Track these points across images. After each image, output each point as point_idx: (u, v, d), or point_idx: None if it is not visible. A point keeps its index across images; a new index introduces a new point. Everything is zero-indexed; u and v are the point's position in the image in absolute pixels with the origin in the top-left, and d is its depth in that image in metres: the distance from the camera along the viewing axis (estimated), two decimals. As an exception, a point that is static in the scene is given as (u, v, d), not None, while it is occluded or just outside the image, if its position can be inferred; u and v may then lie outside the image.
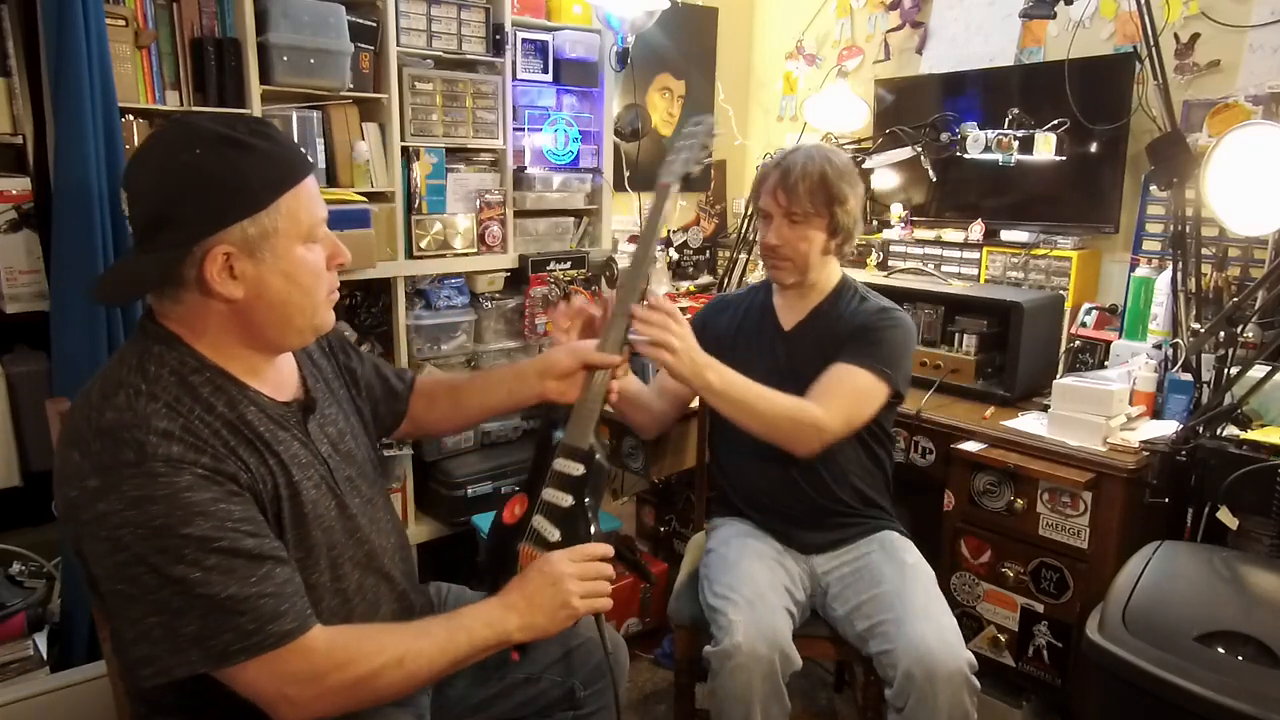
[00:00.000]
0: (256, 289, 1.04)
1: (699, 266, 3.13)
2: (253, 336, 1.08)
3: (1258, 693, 1.22)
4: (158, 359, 1.03)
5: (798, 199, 1.67)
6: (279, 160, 1.04)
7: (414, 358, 2.41)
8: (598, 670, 1.43)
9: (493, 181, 2.49)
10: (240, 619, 0.97)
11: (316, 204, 1.08)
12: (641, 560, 2.57)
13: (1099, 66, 2.29)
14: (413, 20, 2.26)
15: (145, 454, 0.96)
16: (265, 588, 0.99)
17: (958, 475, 2.00)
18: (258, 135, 1.03)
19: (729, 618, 1.52)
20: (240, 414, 1.06)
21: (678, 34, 3.00)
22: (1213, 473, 1.70)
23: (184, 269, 1.01)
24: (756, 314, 1.85)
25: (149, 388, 1.01)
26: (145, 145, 1.04)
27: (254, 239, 1.02)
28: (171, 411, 1.00)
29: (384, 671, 1.05)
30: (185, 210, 0.99)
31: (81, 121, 1.65)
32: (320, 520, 1.14)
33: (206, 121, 1.02)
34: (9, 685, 1.67)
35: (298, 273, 1.06)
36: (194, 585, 0.96)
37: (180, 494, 0.96)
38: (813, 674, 2.47)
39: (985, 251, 2.53)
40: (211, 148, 0.99)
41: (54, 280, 1.71)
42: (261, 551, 1.01)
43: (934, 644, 1.47)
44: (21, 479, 1.83)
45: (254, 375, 1.11)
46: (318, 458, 1.16)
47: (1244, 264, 2.09)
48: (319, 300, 1.11)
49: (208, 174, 0.99)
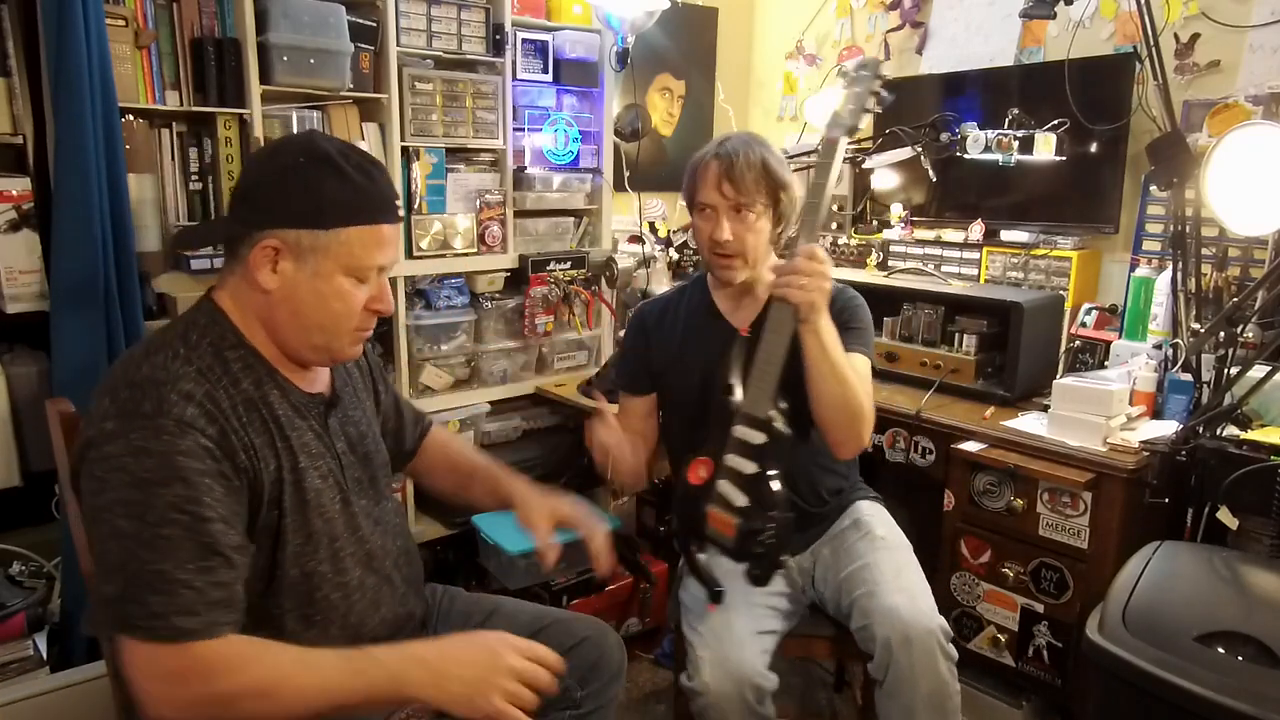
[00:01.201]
0: (287, 290, 1.12)
1: (699, 266, 3.12)
2: (274, 332, 1.16)
3: (1258, 693, 1.22)
4: (201, 329, 1.13)
5: (745, 189, 1.57)
6: (363, 196, 1.13)
7: (414, 357, 2.41)
8: (595, 670, 1.43)
9: (493, 181, 2.49)
10: (154, 597, 0.98)
11: (380, 251, 1.15)
12: (641, 560, 2.56)
13: (1099, 66, 2.29)
14: (413, 20, 2.26)
15: (161, 409, 1.02)
16: (196, 580, 1.00)
17: (958, 475, 2.00)
18: (361, 171, 1.13)
19: (697, 653, 1.52)
20: (263, 394, 1.13)
21: (678, 34, 3.00)
22: (1213, 473, 1.70)
23: (240, 245, 1.12)
24: (702, 317, 1.74)
25: (186, 352, 1.09)
26: (278, 140, 1.24)
27: (305, 247, 1.11)
28: (200, 377, 1.08)
29: (245, 698, 1.00)
30: (265, 198, 1.11)
31: (81, 121, 1.65)
32: (322, 510, 1.17)
33: (326, 142, 1.14)
34: (9, 685, 1.67)
35: (330, 297, 1.14)
36: (139, 545, 0.99)
37: (175, 455, 1.01)
38: (813, 674, 2.46)
39: (985, 251, 2.53)
40: (314, 162, 1.11)
41: (54, 280, 1.71)
42: (217, 545, 1.02)
43: (905, 612, 1.50)
44: (21, 479, 1.83)
45: (283, 364, 1.18)
46: (330, 451, 1.21)
47: (1244, 264, 2.09)
48: (340, 330, 1.17)
49: (296, 179, 1.10)
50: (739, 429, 1.47)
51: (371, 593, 1.23)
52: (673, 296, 1.83)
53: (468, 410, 2.51)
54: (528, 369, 2.67)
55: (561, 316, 2.66)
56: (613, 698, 1.46)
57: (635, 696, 2.34)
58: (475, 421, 2.53)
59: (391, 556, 1.28)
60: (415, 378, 2.43)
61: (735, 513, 1.45)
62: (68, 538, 1.64)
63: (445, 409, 2.48)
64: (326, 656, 1.06)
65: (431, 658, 1.08)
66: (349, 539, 1.21)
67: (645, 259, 2.76)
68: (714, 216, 1.61)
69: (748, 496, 1.44)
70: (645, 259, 2.76)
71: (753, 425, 1.46)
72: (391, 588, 1.26)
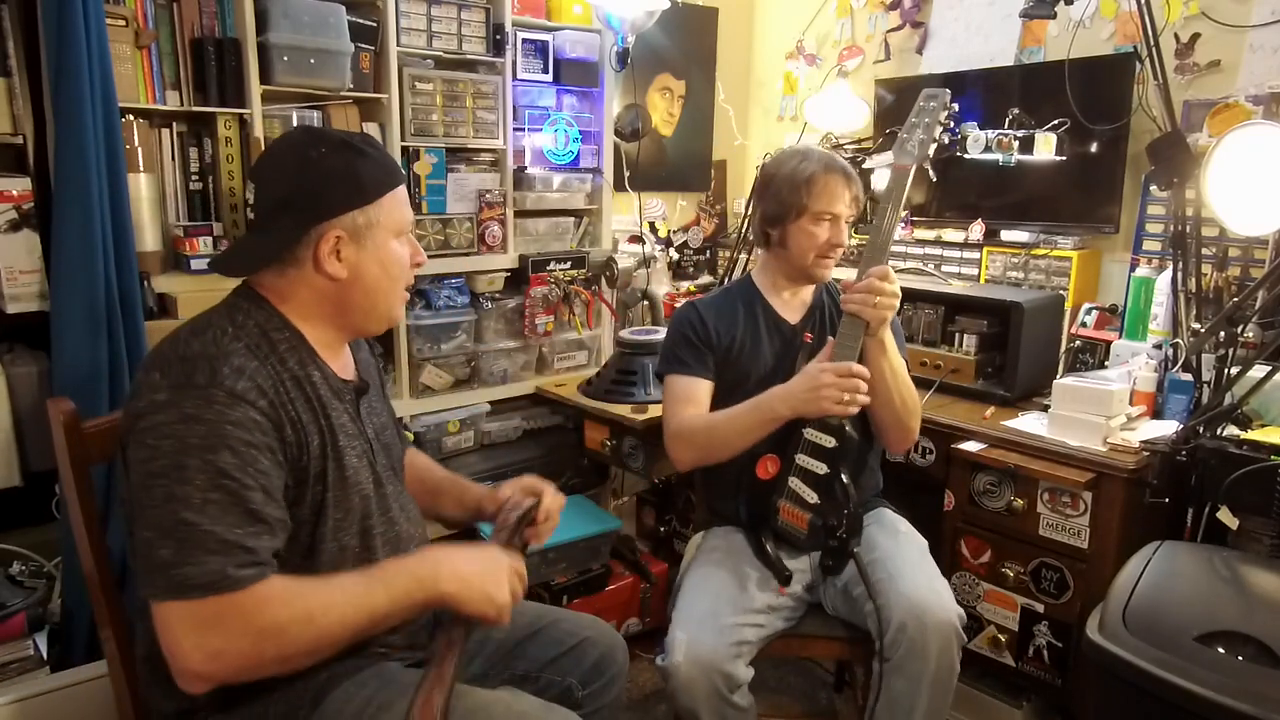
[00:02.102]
0: (356, 272, 1.19)
1: (699, 266, 3.13)
2: (341, 315, 1.22)
3: (1258, 693, 1.22)
4: (245, 311, 1.17)
5: (859, 199, 1.79)
6: (385, 166, 1.21)
7: (414, 357, 2.41)
8: (596, 669, 1.43)
9: (493, 181, 2.50)
10: (210, 556, 1.01)
11: (408, 207, 1.25)
12: (641, 560, 2.57)
13: (1099, 66, 2.29)
14: (413, 20, 2.26)
15: (215, 380, 1.06)
16: (246, 540, 1.04)
17: (958, 475, 2.00)
18: (370, 144, 1.21)
19: (673, 635, 1.57)
20: (308, 374, 1.18)
21: (678, 34, 3.00)
22: (1213, 473, 1.70)
23: (299, 248, 1.16)
24: (757, 314, 1.85)
25: (234, 330, 1.13)
26: (275, 144, 1.22)
27: (361, 227, 1.17)
28: (250, 353, 1.11)
29: (292, 625, 1.04)
30: (307, 198, 1.15)
31: (81, 121, 1.65)
32: (360, 487, 1.21)
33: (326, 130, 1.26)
34: (9, 685, 1.67)
35: (390, 262, 1.22)
36: (188, 509, 1.01)
37: (224, 424, 1.04)
38: (813, 674, 2.47)
39: (985, 251, 2.53)
40: (334, 148, 1.16)
41: (54, 280, 1.71)
42: (262, 512, 1.06)
43: (926, 595, 1.56)
44: (21, 479, 1.83)
45: (326, 349, 1.23)
46: (363, 435, 1.25)
47: (1244, 264, 2.09)
48: (399, 291, 1.26)
49: (329, 168, 1.15)
50: (811, 432, 1.64)
51: None
52: (721, 295, 1.93)
53: (468, 410, 2.51)
54: (528, 369, 2.67)
55: (561, 316, 2.66)
56: (614, 698, 1.46)
57: (635, 696, 2.34)
58: (475, 421, 2.53)
59: (415, 542, 1.32)
60: (415, 378, 2.43)
61: (808, 509, 1.65)
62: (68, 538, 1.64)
63: (445, 409, 2.48)
64: (354, 577, 1.13)
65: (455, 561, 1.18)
66: (380, 519, 1.25)
67: (645, 259, 2.76)
68: (836, 223, 1.77)
69: (818, 494, 1.63)
70: (645, 259, 2.76)
71: (825, 430, 1.62)
72: None
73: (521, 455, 2.57)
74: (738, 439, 1.70)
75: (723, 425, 1.72)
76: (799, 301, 1.87)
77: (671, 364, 1.84)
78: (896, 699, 1.55)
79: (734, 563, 1.71)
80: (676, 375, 1.82)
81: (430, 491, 1.53)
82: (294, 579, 1.08)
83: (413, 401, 2.43)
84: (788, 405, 1.63)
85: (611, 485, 2.89)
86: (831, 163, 1.77)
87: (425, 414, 2.44)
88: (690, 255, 3.10)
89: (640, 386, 2.40)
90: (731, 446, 1.71)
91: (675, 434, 1.78)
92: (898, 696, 1.55)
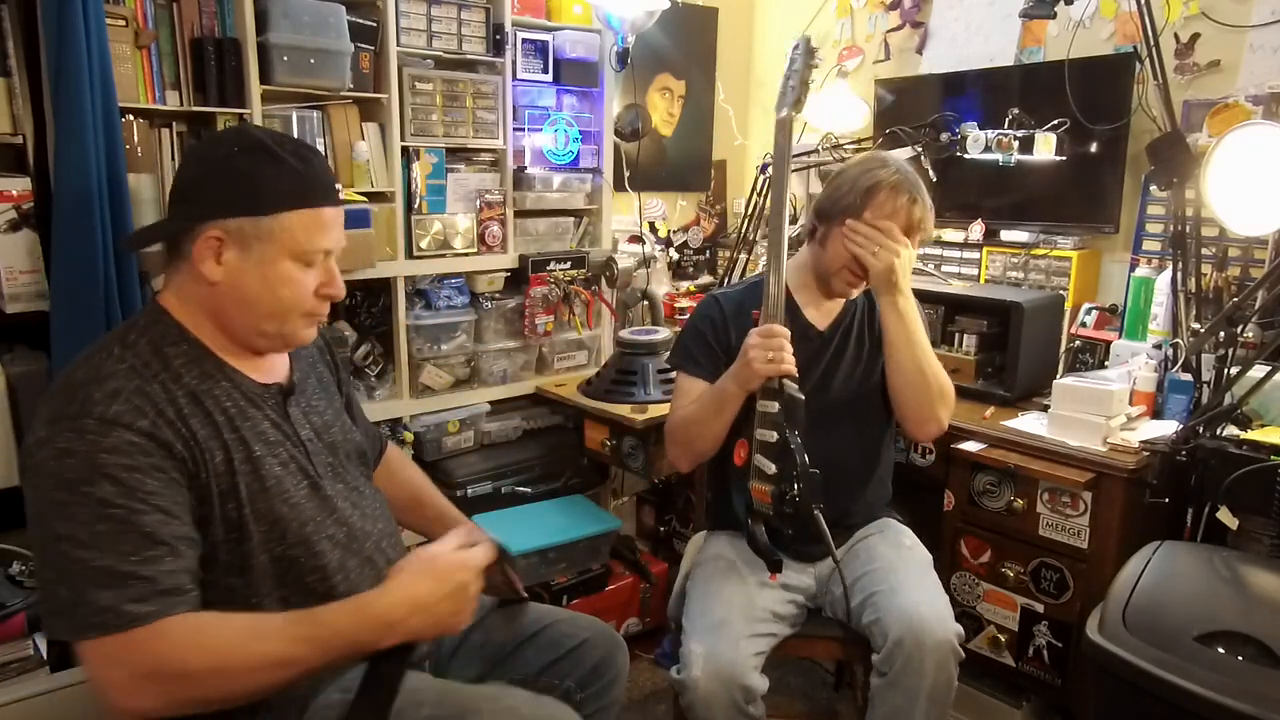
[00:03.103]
0: (233, 280, 1.13)
1: (699, 266, 3.13)
2: (222, 324, 1.17)
3: (1258, 693, 1.22)
4: (140, 329, 1.13)
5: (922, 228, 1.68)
6: (302, 181, 1.13)
7: (414, 357, 2.41)
8: (595, 671, 1.42)
9: (493, 181, 2.49)
10: (101, 593, 0.97)
11: (324, 234, 1.16)
12: (641, 560, 2.57)
13: (1099, 66, 2.29)
14: (413, 20, 2.26)
15: (84, 410, 1.01)
16: (144, 569, 0.99)
17: (958, 475, 2.00)
18: (296, 155, 1.13)
19: (689, 648, 1.54)
20: (209, 388, 1.13)
21: (678, 34, 3.00)
22: (1213, 473, 1.70)
23: (184, 241, 1.13)
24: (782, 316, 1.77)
25: (121, 351, 1.09)
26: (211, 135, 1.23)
27: (248, 235, 1.11)
28: (132, 373, 1.07)
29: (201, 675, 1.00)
30: (202, 192, 1.12)
31: (81, 121, 1.64)
32: (286, 496, 1.16)
33: (258, 131, 1.16)
34: (9, 685, 1.67)
35: (276, 283, 1.14)
36: (76, 546, 0.98)
37: (99, 454, 1.00)
38: (813, 674, 2.47)
39: (985, 251, 2.53)
40: (247, 150, 1.12)
41: (54, 280, 1.71)
42: (159, 534, 1.01)
43: (925, 612, 1.52)
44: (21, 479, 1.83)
45: (234, 356, 1.18)
46: (291, 439, 1.21)
47: (1244, 264, 2.09)
48: (291, 315, 1.17)
49: (231, 169, 1.11)
50: (760, 402, 1.56)
51: (354, 574, 1.22)
52: (747, 290, 1.82)
53: (468, 410, 2.51)
54: (528, 369, 2.67)
55: (561, 316, 2.66)
56: (614, 700, 1.46)
57: (635, 697, 2.34)
58: (475, 421, 2.53)
59: (373, 539, 1.27)
60: (415, 378, 2.43)
61: (768, 480, 1.56)
62: (68, 538, 1.64)
63: (445, 409, 2.48)
64: (274, 623, 1.05)
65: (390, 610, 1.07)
66: (324, 522, 1.20)
67: (645, 259, 2.76)
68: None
69: (775, 465, 1.54)
70: (645, 259, 2.76)
71: (768, 396, 1.55)
72: (375, 570, 1.25)
73: (521, 455, 2.57)
74: (704, 425, 1.66)
75: (692, 415, 1.69)
76: (834, 304, 1.79)
77: (683, 359, 1.80)
78: (894, 712, 1.53)
79: (740, 570, 1.70)
80: (685, 374, 1.78)
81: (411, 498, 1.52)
82: (213, 618, 1.03)
83: (413, 401, 2.43)
84: (731, 379, 1.60)
85: (611, 485, 2.89)
86: (904, 180, 1.67)
87: (425, 414, 2.44)
88: (690, 255, 3.10)
89: (640, 386, 2.40)
90: (704, 436, 1.68)
91: (665, 435, 1.78)
92: (895, 710, 1.53)
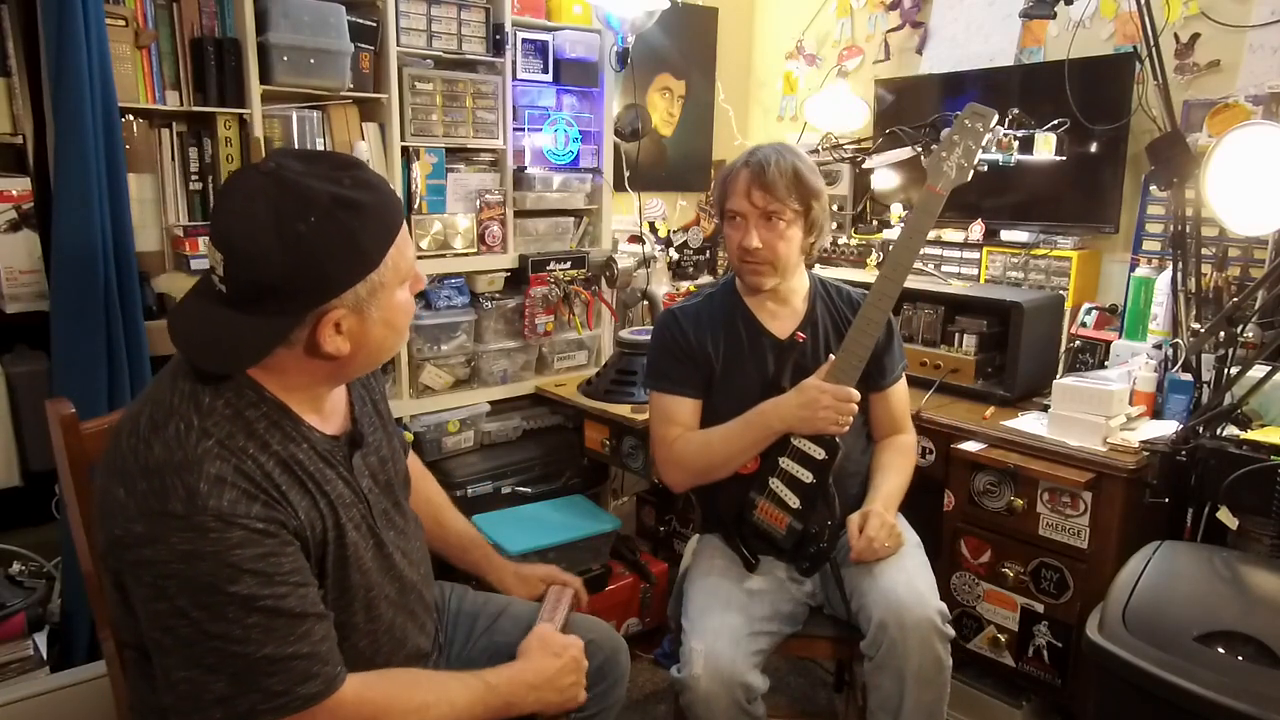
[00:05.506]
0: (359, 342, 1.05)
1: (699, 266, 3.13)
2: (339, 379, 1.13)
3: (1258, 693, 1.22)
4: (213, 390, 1.00)
5: (776, 196, 1.61)
6: (384, 213, 1.02)
7: (414, 357, 2.41)
8: (598, 672, 1.42)
9: (493, 181, 2.50)
10: (270, 680, 0.96)
11: (410, 245, 1.09)
12: (641, 560, 2.56)
13: (1099, 66, 2.29)
14: (413, 20, 2.26)
15: (195, 506, 0.92)
16: (301, 647, 0.98)
17: (958, 475, 2.00)
18: (362, 187, 1.00)
19: (690, 646, 1.53)
20: (292, 452, 1.04)
21: (678, 34, 3.00)
22: (1213, 473, 1.70)
23: (293, 333, 1.00)
24: (738, 325, 1.74)
25: (201, 422, 0.97)
26: (250, 204, 0.96)
27: (364, 298, 1.02)
28: (224, 451, 0.97)
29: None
30: (302, 281, 0.97)
31: (81, 121, 1.65)
32: (360, 562, 1.12)
33: (315, 181, 0.97)
34: (9, 685, 1.67)
35: (396, 318, 1.08)
36: (231, 643, 0.94)
37: (230, 551, 0.93)
38: (813, 674, 2.47)
39: (985, 251, 2.53)
40: (326, 214, 0.96)
41: (54, 280, 1.71)
42: (304, 609, 0.99)
43: (903, 592, 1.54)
44: (21, 479, 1.83)
45: (311, 409, 1.10)
46: (359, 496, 1.14)
47: (1244, 264, 2.09)
48: (406, 333, 1.14)
49: (325, 243, 0.96)
50: (801, 441, 1.62)
51: (399, 632, 1.21)
52: (702, 303, 1.79)
53: (468, 410, 2.51)
54: (528, 369, 2.67)
55: (561, 316, 2.66)
56: (616, 701, 1.46)
57: (635, 697, 2.34)
58: (475, 421, 2.53)
59: (416, 589, 1.26)
60: (415, 378, 2.43)
61: (788, 511, 1.63)
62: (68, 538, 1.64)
63: (445, 409, 2.48)
64: (452, 684, 1.15)
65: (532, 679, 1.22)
66: (383, 582, 1.18)
67: (645, 259, 2.76)
68: (744, 224, 1.65)
69: (800, 500, 1.62)
70: (645, 259, 2.76)
71: (817, 442, 1.61)
72: (415, 621, 1.25)
73: (521, 455, 2.57)
74: (734, 458, 1.66)
75: (718, 445, 1.67)
76: (788, 312, 1.75)
77: (657, 379, 1.75)
78: (886, 697, 1.54)
79: (738, 570, 1.69)
80: (665, 394, 1.74)
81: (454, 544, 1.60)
82: (382, 680, 1.09)
83: (413, 401, 2.43)
84: (784, 422, 1.61)
85: (611, 485, 2.89)
86: (754, 156, 1.64)
87: (425, 414, 2.44)
88: (690, 255, 3.10)
89: (640, 386, 2.40)
90: (729, 465, 1.67)
91: (667, 460, 1.73)
92: (887, 695, 1.54)
